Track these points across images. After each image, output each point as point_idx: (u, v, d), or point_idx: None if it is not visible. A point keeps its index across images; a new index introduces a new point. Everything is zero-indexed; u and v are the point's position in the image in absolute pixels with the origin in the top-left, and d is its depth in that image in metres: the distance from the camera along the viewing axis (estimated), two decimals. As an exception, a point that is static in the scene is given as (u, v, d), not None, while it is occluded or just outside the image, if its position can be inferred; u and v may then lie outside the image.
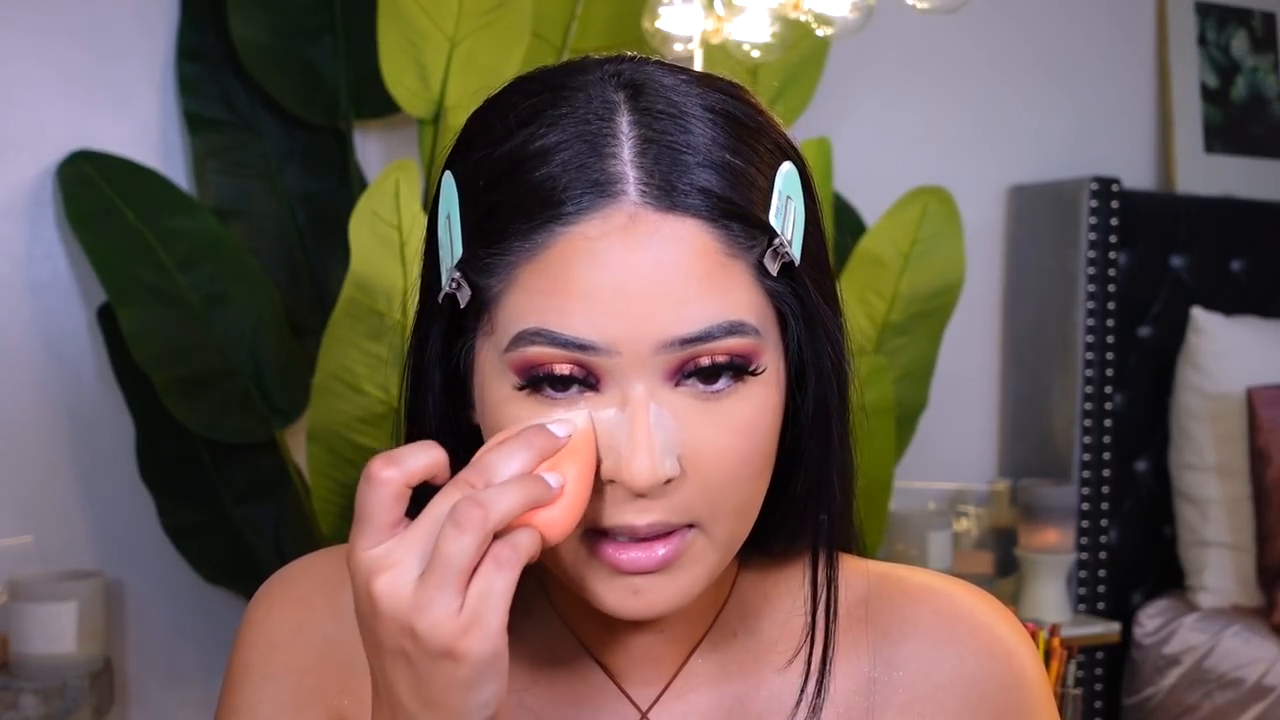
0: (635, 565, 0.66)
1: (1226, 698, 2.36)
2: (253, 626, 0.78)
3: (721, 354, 0.65)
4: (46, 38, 2.04)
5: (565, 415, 0.65)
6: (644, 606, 0.67)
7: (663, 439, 0.65)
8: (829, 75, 2.31)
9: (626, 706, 0.75)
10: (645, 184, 0.64)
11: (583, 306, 0.64)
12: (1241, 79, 2.95)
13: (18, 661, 1.87)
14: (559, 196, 0.64)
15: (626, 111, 0.66)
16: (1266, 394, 2.49)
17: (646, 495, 0.65)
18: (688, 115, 0.66)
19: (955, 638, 0.77)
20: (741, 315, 0.65)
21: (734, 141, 0.66)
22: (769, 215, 0.66)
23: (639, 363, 0.64)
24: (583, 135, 0.65)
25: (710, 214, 0.65)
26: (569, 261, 0.64)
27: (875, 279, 2.18)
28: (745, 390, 0.66)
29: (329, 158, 2.13)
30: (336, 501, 1.87)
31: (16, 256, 2.03)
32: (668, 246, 0.64)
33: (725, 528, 0.68)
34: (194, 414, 1.98)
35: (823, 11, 1.80)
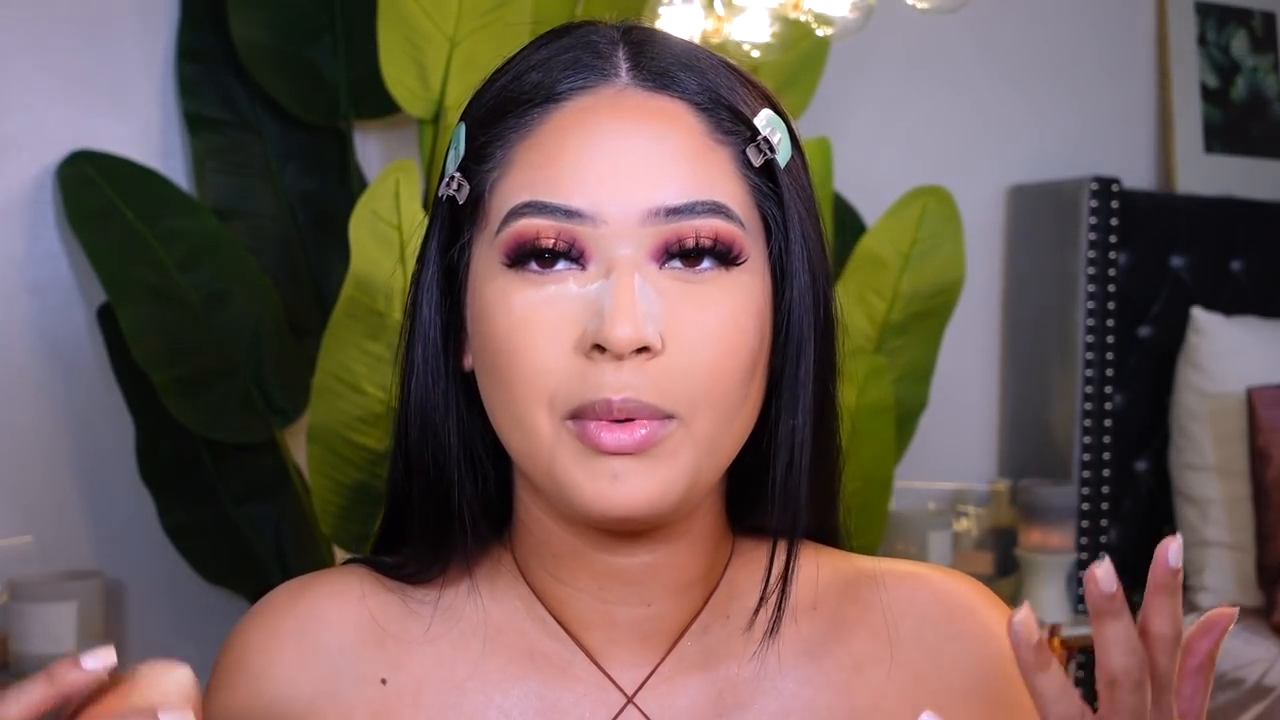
0: (617, 444, 0.65)
1: (1226, 698, 2.36)
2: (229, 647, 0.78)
3: (705, 235, 0.67)
4: (46, 38, 2.04)
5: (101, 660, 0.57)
6: (624, 495, 0.66)
7: (646, 305, 0.66)
8: (829, 75, 2.31)
9: (611, 692, 0.73)
10: (637, 70, 0.69)
11: (571, 175, 0.67)
12: (1241, 79, 2.95)
13: (18, 661, 1.87)
14: (553, 79, 0.69)
15: (624, 39, 0.72)
16: (1266, 394, 2.49)
17: (625, 361, 0.65)
18: (681, 44, 0.73)
19: (957, 620, 0.77)
20: (728, 200, 0.68)
21: (726, 69, 0.72)
22: (754, 118, 0.70)
23: (625, 233, 0.66)
24: (582, 45, 0.71)
25: (698, 98, 0.69)
26: (560, 133, 0.68)
27: (875, 279, 2.17)
28: (729, 279, 0.68)
29: (329, 158, 2.13)
30: (336, 501, 1.87)
31: (16, 257, 2.03)
32: (655, 120, 0.68)
33: (705, 423, 0.67)
34: (194, 414, 1.98)
35: (823, 11, 1.80)
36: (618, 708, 0.73)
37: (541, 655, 0.74)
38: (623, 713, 0.73)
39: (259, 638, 0.76)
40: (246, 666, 0.75)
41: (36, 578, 1.94)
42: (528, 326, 0.67)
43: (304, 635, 0.75)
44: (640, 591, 0.73)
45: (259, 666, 0.75)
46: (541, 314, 0.67)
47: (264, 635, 0.76)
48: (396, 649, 0.74)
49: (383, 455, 1.83)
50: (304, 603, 0.77)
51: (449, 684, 0.73)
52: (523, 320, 0.67)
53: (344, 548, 1.92)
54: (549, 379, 0.66)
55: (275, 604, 0.78)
